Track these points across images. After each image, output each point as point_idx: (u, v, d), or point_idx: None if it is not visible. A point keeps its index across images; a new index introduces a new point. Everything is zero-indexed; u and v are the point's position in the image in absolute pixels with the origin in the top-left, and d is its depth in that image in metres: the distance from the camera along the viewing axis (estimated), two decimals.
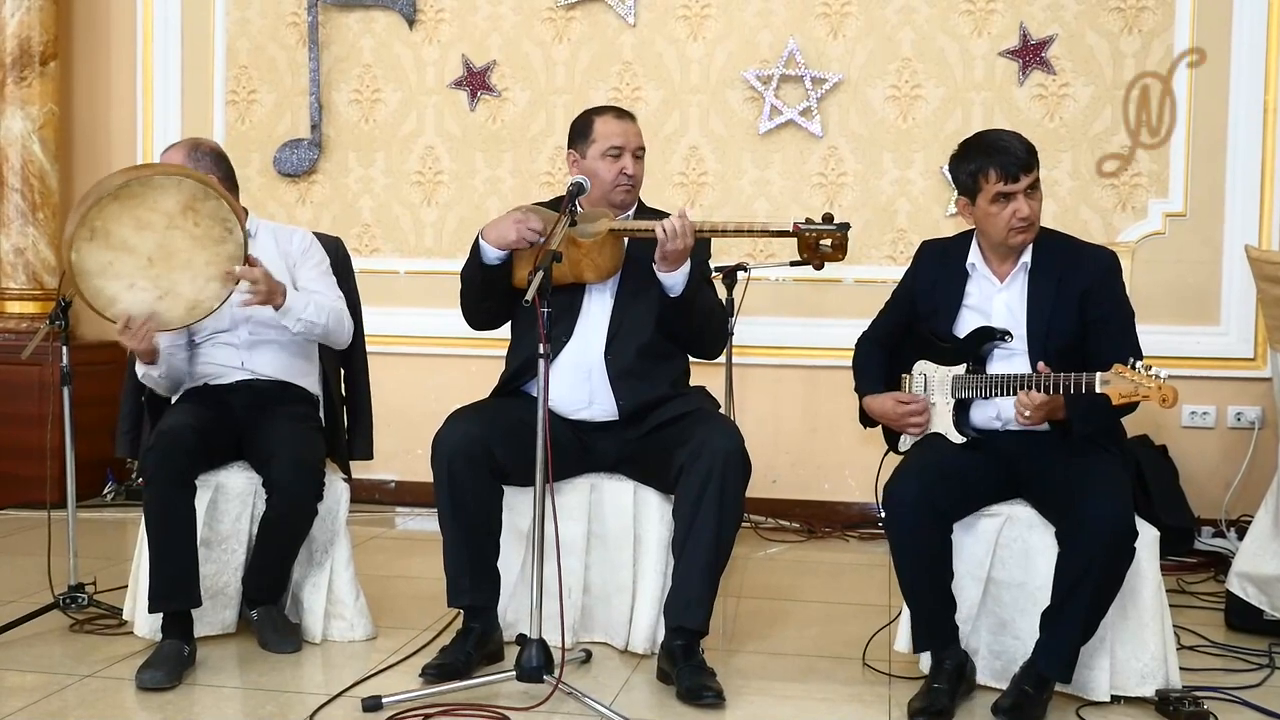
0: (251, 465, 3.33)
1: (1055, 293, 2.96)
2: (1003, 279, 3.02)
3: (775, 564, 4.44)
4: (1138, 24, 4.73)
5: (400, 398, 4.95)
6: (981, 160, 2.94)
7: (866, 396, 3.17)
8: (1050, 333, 2.94)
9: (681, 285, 3.11)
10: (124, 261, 3.11)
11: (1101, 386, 2.66)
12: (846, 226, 2.99)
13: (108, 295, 3.13)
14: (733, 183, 5.03)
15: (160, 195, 3.10)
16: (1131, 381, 2.62)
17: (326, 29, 5.28)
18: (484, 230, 3.16)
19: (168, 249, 3.14)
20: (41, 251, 5.26)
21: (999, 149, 2.93)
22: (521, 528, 3.19)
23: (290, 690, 2.97)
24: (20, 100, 5.20)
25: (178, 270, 3.16)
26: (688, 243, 3.01)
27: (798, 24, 4.96)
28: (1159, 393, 2.59)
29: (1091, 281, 2.95)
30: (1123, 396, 2.63)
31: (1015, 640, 2.94)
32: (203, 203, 3.14)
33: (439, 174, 5.26)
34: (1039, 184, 2.95)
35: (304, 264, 3.50)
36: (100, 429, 4.00)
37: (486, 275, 3.18)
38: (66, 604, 3.41)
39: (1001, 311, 3.01)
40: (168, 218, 3.12)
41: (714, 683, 2.88)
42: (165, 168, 3.21)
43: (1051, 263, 2.99)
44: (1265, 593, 3.45)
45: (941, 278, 3.10)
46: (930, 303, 3.11)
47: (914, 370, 3.13)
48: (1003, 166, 2.90)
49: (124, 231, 3.09)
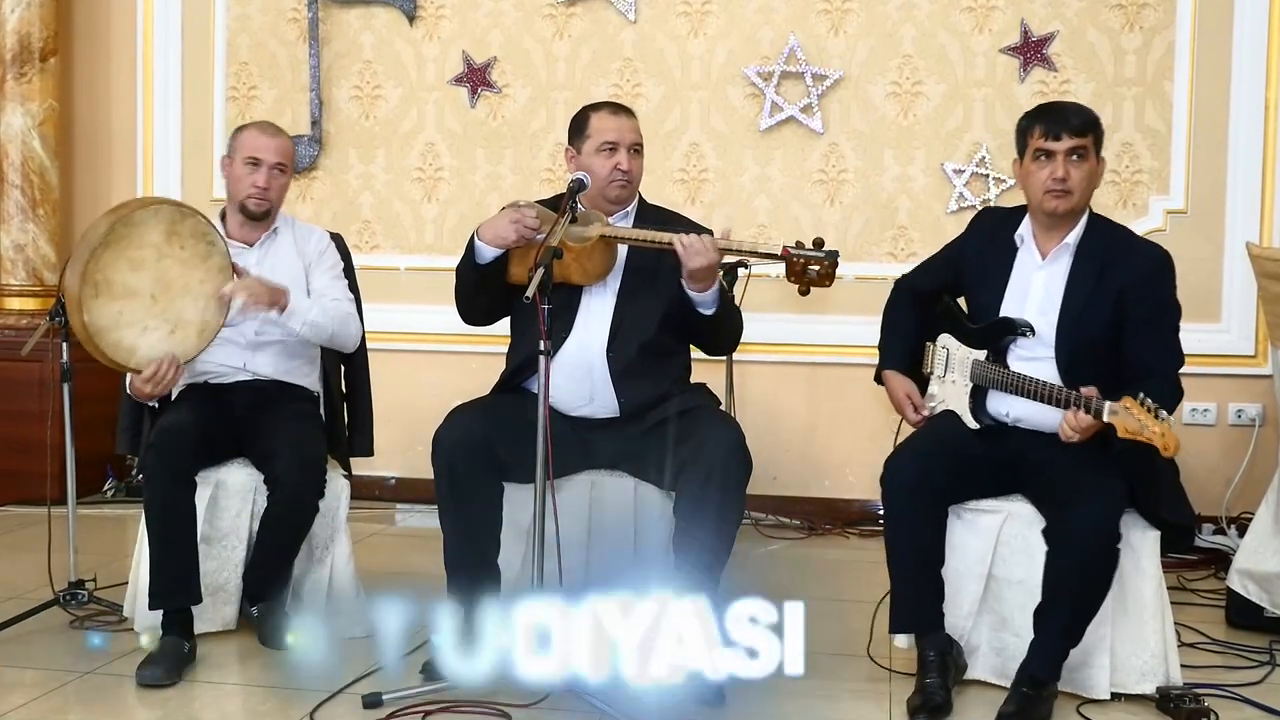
0: (253, 462, 3.33)
1: (1095, 281, 2.93)
2: (1045, 255, 3.00)
3: (776, 561, 4.44)
4: (1139, 21, 4.73)
5: (401, 394, 4.95)
6: (1033, 118, 3.00)
7: (887, 371, 3.20)
8: (1081, 321, 2.92)
9: (713, 304, 3.10)
10: (132, 308, 3.11)
11: (1109, 417, 2.66)
12: (835, 254, 2.95)
13: (126, 346, 3.12)
14: (733, 179, 5.02)
15: (144, 231, 3.11)
16: (1137, 420, 2.61)
17: (327, 25, 5.27)
18: (479, 230, 3.16)
19: (164, 281, 3.14)
20: (41, 248, 5.25)
21: (1053, 109, 3.01)
22: (522, 524, 3.18)
23: (291, 687, 2.97)
24: (20, 96, 5.19)
25: (179, 298, 3.16)
26: (710, 259, 2.98)
27: (799, 21, 4.95)
28: (1162, 439, 2.59)
29: (1134, 277, 2.92)
30: (1128, 432, 2.62)
31: (1015, 637, 2.94)
32: (181, 224, 3.15)
33: (439, 170, 5.26)
34: (1087, 153, 2.92)
35: (319, 265, 3.50)
36: (100, 425, 3.99)
37: (482, 273, 3.17)
38: (67, 601, 3.41)
39: (1039, 291, 2.99)
40: (156, 250, 3.12)
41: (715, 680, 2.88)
42: (139, 201, 3.23)
43: (1097, 249, 2.96)
44: (1266, 590, 3.45)
45: (990, 248, 3.10)
46: (976, 272, 3.11)
47: (938, 342, 3.13)
48: (1048, 124, 2.94)
49: (123, 277, 3.09)
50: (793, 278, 2.98)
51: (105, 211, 3.21)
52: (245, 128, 3.50)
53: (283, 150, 3.45)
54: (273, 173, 3.41)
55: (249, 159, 3.40)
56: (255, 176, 3.40)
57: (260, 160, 3.40)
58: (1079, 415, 2.74)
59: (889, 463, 2.93)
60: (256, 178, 3.40)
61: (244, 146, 3.43)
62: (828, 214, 4.92)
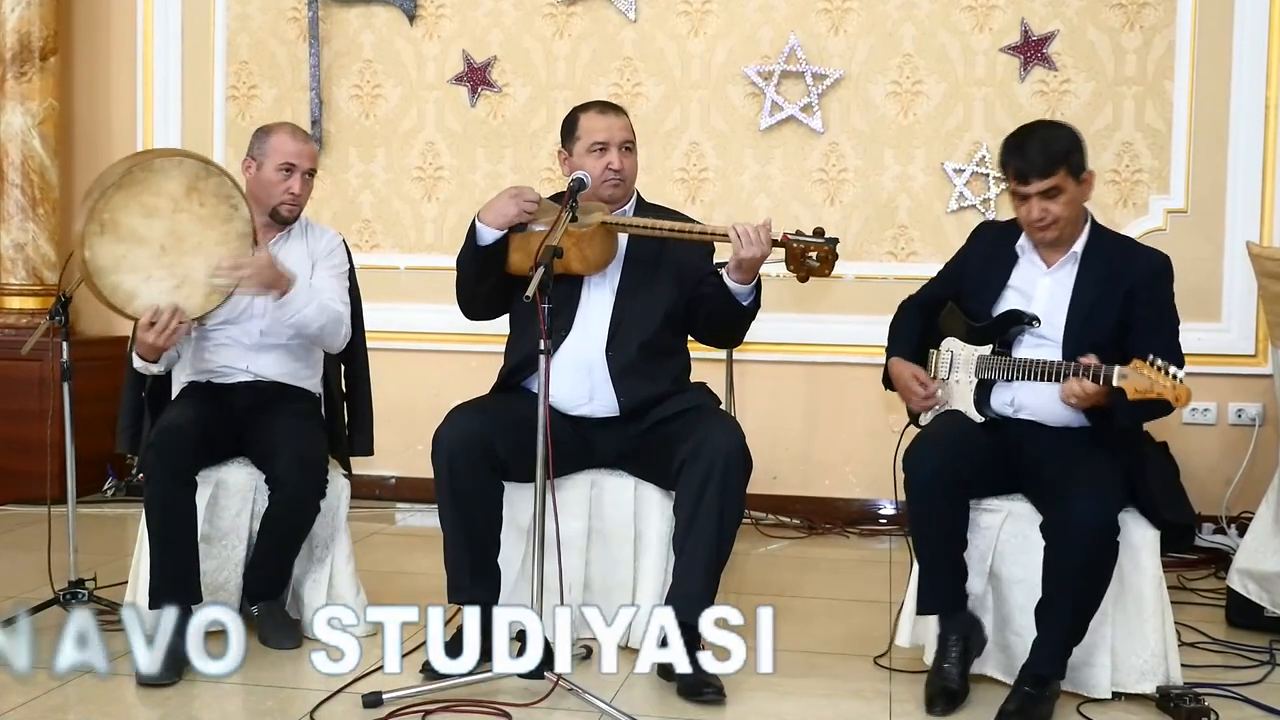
0: (253, 461, 3.33)
1: (1103, 285, 2.95)
2: (1051, 264, 3.02)
3: (776, 560, 4.44)
4: (1139, 20, 4.72)
5: (401, 393, 4.95)
6: (1006, 155, 3.00)
7: (894, 358, 3.19)
8: (1089, 324, 2.93)
9: (750, 294, 3.11)
10: (137, 253, 3.07)
11: (1119, 380, 2.67)
12: (835, 241, 2.95)
13: (126, 291, 3.08)
14: (733, 179, 5.02)
15: (163, 179, 3.07)
16: (1147, 378, 2.63)
17: (327, 24, 5.27)
18: (481, 213, 3.16)
19: (177, 234, 3.10)
20: (41, 247, 5.25)
21: (1020, 149, 2.95)
22: (522, 524, 3.19)
23: (290, 686, 2.97)
24: (20, 96, 5.19)
25: (190, 255, 3.12)
26: (764, 250, 2.99)
27: (799, 20, 4.95)
28: (1173, 391, 2.60)
29: (1140, 280, 2.94)
30: (1138, 392, 2.64)
31: (1016, 636, 2.94)
32: (205, 181, 3.11)
33: (439, 170, 5.26)
34: (1061, 189, 2.91)
35: (324, 264, 3.49)
36: (100, 424, 3.99)
37: (482, 257, 3.16)
38: (67, 600, 3.40)
39: (1044, 296, 3.01)
40: (173, 201, 3.09)
41: (714, 679, 2.88)
42: (166, 150, 3.19)
43: (1104, 254, 2.99)
44: (1266, 589, 3.45)
45: (992, 258, 3.11)
46: (977, 282, 3.12)
47: (942, 346, 3.14)
48: (1016, 168, 2.95)
49: (132, 221, 3.05)
50: (792, 265, 2.99)
51: (127, 155, 3.18)
52: (273, 130, 3.45)
53: (314, 156, 3.47)
54: (305, 179, 3.42)
55: (284, 165, 3.38)
56: (290, 183, 3.38)
57: (295, 166, 3.39)
58: (1083, 382, 2.76)
59: (909, 454, 2.92)
60: (291, 184, 3.38)
61: (276, 152, 3.39)
62: (828, 213, 4.92)
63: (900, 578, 3.53)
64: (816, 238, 2.95)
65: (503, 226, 3.14)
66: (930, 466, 2.88)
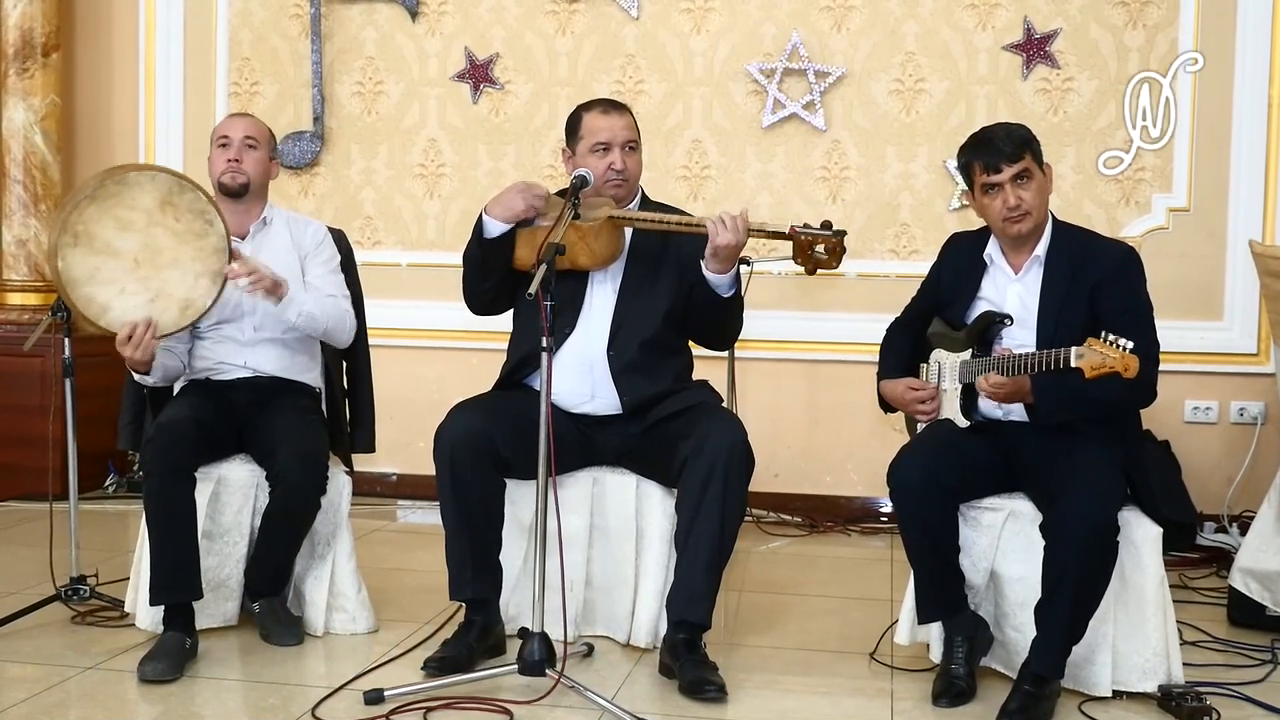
0: (254, 458, 3.33)
1: (1068, 284, 2.97)
2: (1018, 270, 3.05)
3: (777, 558, 4.44)
4: (1142, 18, 4.72)
5: (402, 390, 4.95)
6: (970, 154, 3.03)
7: (883, 381, 3.20)
8: (1060, 324, 2.94)
9: (730, 285, 3.11)
10: (111, 266, 3.07)
11: (1076, 360, 2.68)
12: (842, 234, 2.97)
13: (99, 303, 3.09)
14: (736, 176, 5.02)
15: (137, 193, 3.08)
16: (1100, 354, 2.64)
17: (329, 21, 5.27)
18: (488, 206, 3.17)
19: (152, 248, 3.11)
20: (43, 243, 5.23)
21: (984, 143, 3.00)
22: (524, 521, 3.19)
23: (292, 683, 2.97)
24: (22, 92, 5.18)
25: (165, 269, 3.13)
26: (739, 238, 3.00)
27: (801, 17, 4.94)
28: (1122, 361, 2.61)
29: (1103, 274, 2.96)
30: (1094, 369, 2.64)
31: (1017, 633, 2.95)
32: (179, 196, 3.12)
33: (441, 166, 5.25)
34: (1030, 174, 2.95)
35: (315, 258, 3.49)
36: (102, 421, 4.00)
37: (488, 250, 3.16)
38: (68, 596, 3.41)
39: (1014, 302, 3.03)
40: (147, 215, 3.09)
41: (716, 676, 2.89)
42: (140, 165, 3.20)
43: (1065, 255, 3.01)
44: (1268, 588, 3.45)
45: (964, 269, 3.14)
46: (951, 293, 3.15)
47: (930, 359, 3.15)
48: (984, 159, 2.97)
49: (106, 234, 3.06)
50: (799, 258, 2.99)
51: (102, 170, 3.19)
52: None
53: (250, 126, 3.47)
54: (243, 148, 3.42)
55: (219, 141, 3.44)
56: (226, 153, 3.41)
57: (229, 137, 3.42)
58: (990, 376, 2.86)
59: (893, 466, 2.94)
60: (227, 153, 3.41)
61: (214, 136, 3.48)
62: (830, 211, 4.91)
63: (901, 575, 3.52)
64: (824, 230, 2.96)
65: (510, 220, 3.14)
66: (912, 476, 2.91)
